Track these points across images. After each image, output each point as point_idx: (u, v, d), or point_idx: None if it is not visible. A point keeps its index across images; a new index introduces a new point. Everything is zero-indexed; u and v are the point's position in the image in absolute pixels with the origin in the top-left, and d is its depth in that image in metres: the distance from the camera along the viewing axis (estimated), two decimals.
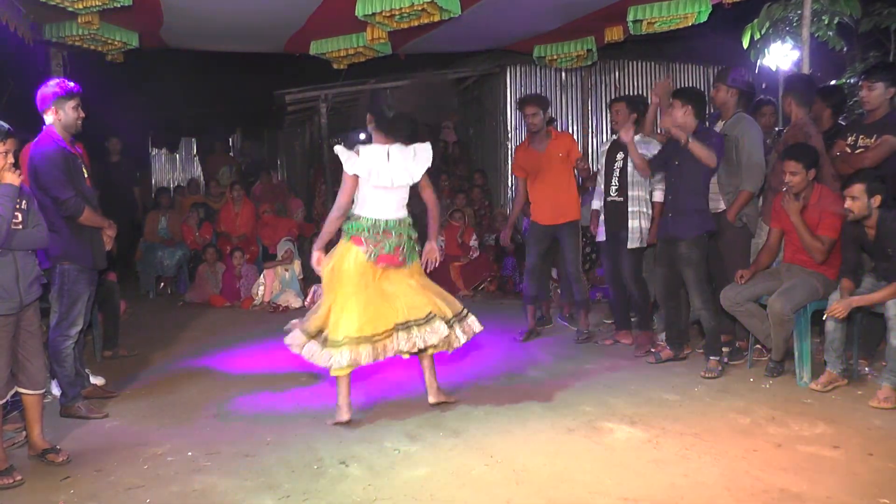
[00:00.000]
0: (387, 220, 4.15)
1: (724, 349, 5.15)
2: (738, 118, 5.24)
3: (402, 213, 4.25)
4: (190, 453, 3.75)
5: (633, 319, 5.93)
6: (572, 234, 5.94)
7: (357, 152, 4.12)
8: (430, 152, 4.27)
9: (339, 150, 4.16)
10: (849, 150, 5.01)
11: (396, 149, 4.17)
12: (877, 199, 4.32)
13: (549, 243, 6.09)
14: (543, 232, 6.03)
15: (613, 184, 5.69)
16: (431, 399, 4.39)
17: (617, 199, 5.65)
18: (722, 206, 5.22)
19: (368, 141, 4.31)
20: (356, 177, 4.13)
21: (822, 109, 5.52)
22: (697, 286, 4.97)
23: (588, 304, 6.16)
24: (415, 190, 4.30)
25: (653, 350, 5.42)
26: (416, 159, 4.21)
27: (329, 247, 4.32)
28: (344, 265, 4.13)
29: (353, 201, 4.21)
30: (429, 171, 4.28)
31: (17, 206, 3.56)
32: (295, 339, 4.18)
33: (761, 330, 4.88)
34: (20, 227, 3.58)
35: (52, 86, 4.34)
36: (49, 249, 4.23)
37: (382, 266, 4.15)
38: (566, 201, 5.93)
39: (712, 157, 4.83)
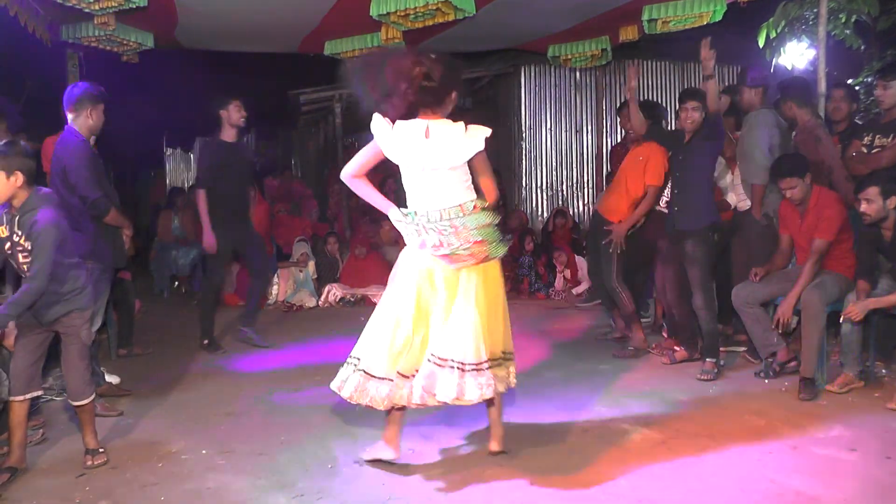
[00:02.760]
0: (427, 213, 3.27)
1: (742, 349, 5.17)
2: (755, 113, 5.21)
3: (455, 199, 3.28)
4: (204, 451, 3.77)
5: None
6: (606, 235, 5.57)
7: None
8: (484, 136, 3.26)
9: (376, 119, 3.34)
10: (864, 151, 4.96)
11: (439, 124, 3.29)
12: (892, 201, 4.29)
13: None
14: (602, 222, 5.66)
15: (664, 195, 5.47)
16: (494, 447, 3.61)
17: (664, 210, 5.44)
18: (748, 203, 5.20)
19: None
20: (380, 151, 3.35)
21: (839, 102, 5.38)
22: (700, 285, 4.94)
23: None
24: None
25: (668, 351, 5.40)
26: (465, 138, 3.27)
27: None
28: (399, 267, 3.47)
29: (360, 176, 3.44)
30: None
31: (19, 248, 3.40)
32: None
33: (761, 337, 4.84)
34: (25, 264, 3.40)
35: (85, 87, 4.50)
36: (76, 248, 4.25)
37: (441, 261, 3.33)
38: (617, 203, 5.53)
39: (721, 103, 4.99)
